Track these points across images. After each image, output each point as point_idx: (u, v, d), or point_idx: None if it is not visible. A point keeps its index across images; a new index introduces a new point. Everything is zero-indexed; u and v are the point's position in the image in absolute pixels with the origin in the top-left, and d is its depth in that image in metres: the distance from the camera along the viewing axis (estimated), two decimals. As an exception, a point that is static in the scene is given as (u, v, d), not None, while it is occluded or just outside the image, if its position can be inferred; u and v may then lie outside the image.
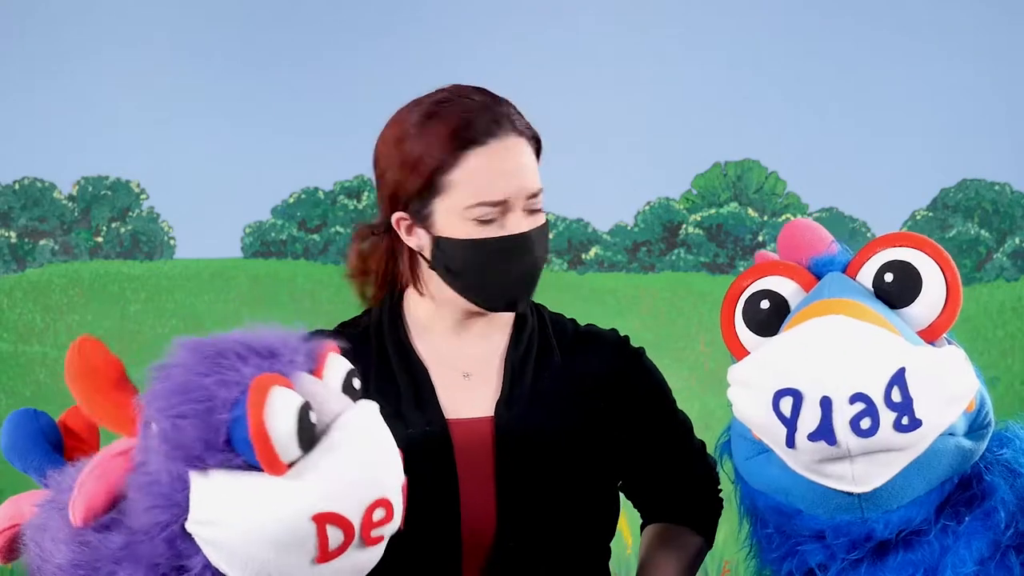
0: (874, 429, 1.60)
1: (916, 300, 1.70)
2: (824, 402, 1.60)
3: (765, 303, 1.74)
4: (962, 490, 1.71)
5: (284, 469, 1.55)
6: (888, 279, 1.71)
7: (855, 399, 1.59)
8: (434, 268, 1.93)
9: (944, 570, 1.68)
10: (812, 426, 1.61)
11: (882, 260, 1.71)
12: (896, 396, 1.60)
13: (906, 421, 1.60)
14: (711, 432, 1.87)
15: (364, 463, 1.59)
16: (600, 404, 1.97)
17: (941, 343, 1.71)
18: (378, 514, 1.59)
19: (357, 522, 1.57)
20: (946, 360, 1.64)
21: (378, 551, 1.62)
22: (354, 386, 1.66)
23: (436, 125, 1.89)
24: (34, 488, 1.79)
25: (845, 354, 1.60)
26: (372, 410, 1.64)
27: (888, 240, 1.72)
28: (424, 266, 1.95)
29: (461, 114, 1.89)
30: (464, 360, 1.98)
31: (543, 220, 1.94)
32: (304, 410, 1.56)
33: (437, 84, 1.97)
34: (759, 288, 1.75)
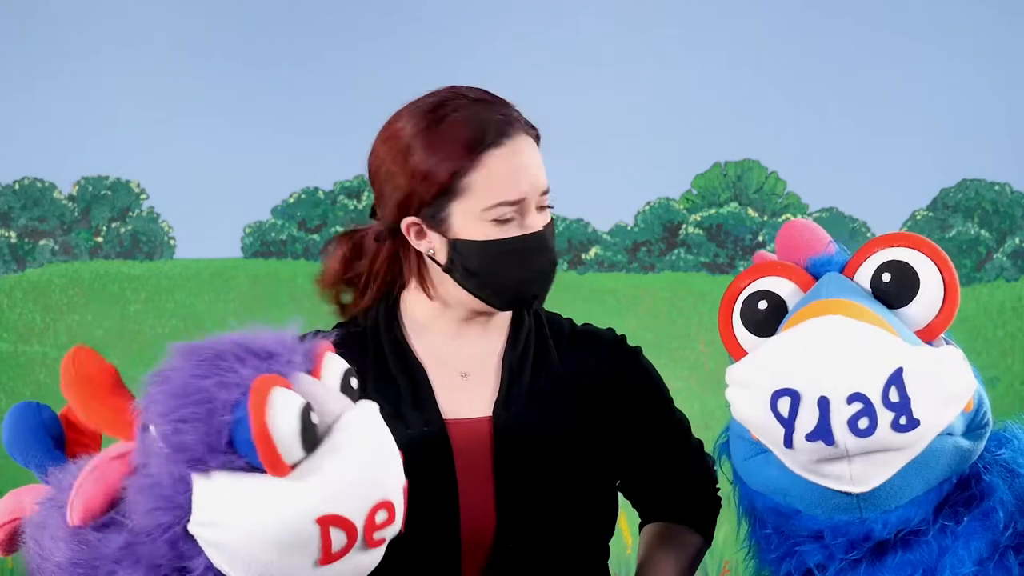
0: (872, 429, 1.60)
1: (914, 300, 1.70)
2: (822, 402, 1.60)
3: (763, 303, 1.74)
4: (960, 490, 1.70)
5: (287, 470, 1.55)
6: (886, 279, 1.71)
7: (853, 399, 1.59)
8: (449, 270, 1.92)
9: (943, 570, 1.68)
10: (810, 426, 1.61)
11: (880, 260, 1.71)
12: (894, 396, 1.60)
13: (904, 421, 1.60)
14: (711, 432, 1.87)
15: (367, 464, 1.59)
16: (598, 404, 1.97)
17: (939, 343, 1.71)
18: (381, 516, 1.58)
19: (360, 524, 1.57)
20: (944, 360, 1.64)
21: (379, 553, 1.62)
22: (352, 385, 1.66)
23: (448, 130, 1.89)
24: (35, 482, 1.79)
25: (843, 354, 1.60)
26: (373, 410, 1.64)
27: (886, 240, 1.72)
28: (432, 268, 1.95)
29: (474, 117, 1.89)
30: (462, 360, 1.97)
31: (550, 217, 1.94)
32: (306, 411, 1.56)
33: (437, 84, 1.96)
34: (757, 288, 1.75)
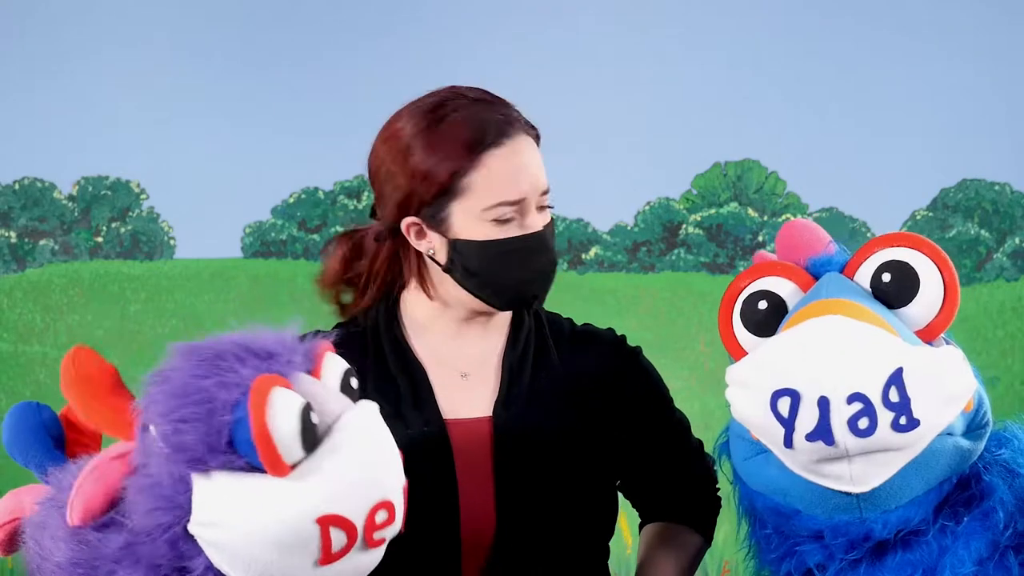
0: (872, 429, 1.60)
1: (914, 300, 1.70)
2: (822, 402, 1.60)
3: (763, 303, 1.74)
4: (960, 490, 1.70)
5: (287, 470, 1.55)
6: (886, 279, 1.70)
7: (853, 399, 1.59)
8: (448, 270, 1.92)
9: (943, 570, 1.68)
10: (810, 426, 1.61)
11: (880, 260, 1.71)
12: (894, 396, 1.59)
13: (904, 421, 1.60)
14: (711, 432, 1.87)
15: (367, 465, 1.58)
16: (598, 404, 1.97)
17: (939, 343, 1.71)
18: (381, 516, 1.58)
19: (360, 524, 1.57)
20: (944, 360, 1.64)
21: (379, 553, 1.62)
22: (352, 385, 1.66)
23: (449, 130, 1.89)
24: (35, 482, 1.79)
25: (843, 354, 1.60)
26: (373, 410, 1.64)
27: (885, 240, 1.72)
28: (432, 268, 1.94)
29: (474, 117, 1.89)
30: (462, 360, 1.97)
31: (550, 217, 1.94)
32: (306, 411, 1.56)
33: (437, 84, 1.96)
34: (757, 288, 1.75)
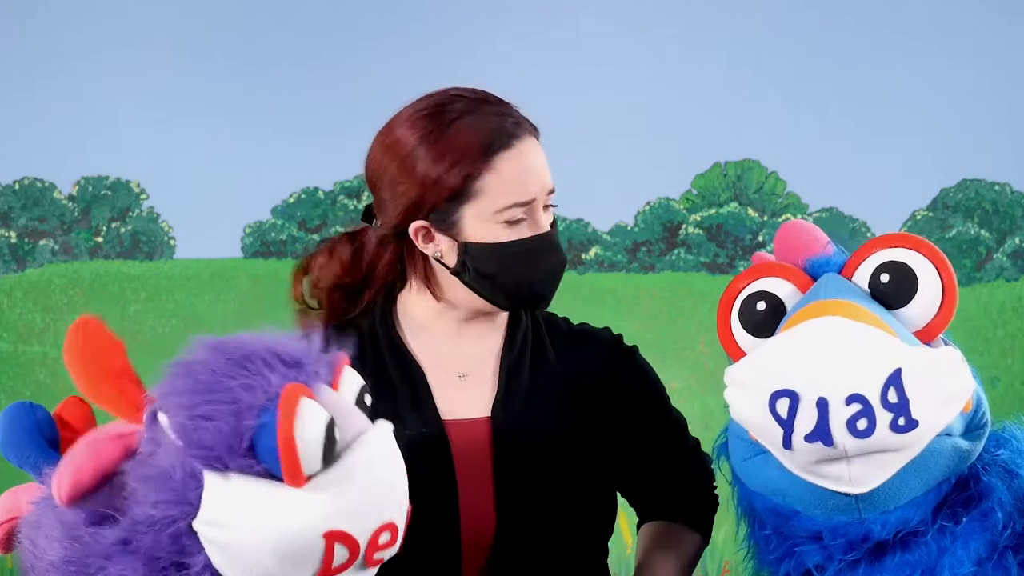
0: (871, 430, 1.60)
1: (912, 301, 1.69)
2: (820, 403, 1.60)
3: (761, 304, 1.74)
4: (959, 491, 1.70)
5: (304, 482, 1.54)
6: (884, 280, 1.70)
7: (851, 400, 1.59)
8: (458, 273, 1.92)
9: (941, 571, 1.68)
10: (809, 427, 1.61)
11: (878, 261, 1.71)
12: (892, 397, 1.59)
13: (902, 422, 1.60)
14: (711, 432, 1.86)
15: (380, 486, 1.59)
16: (595, 403, 1.97)
17: (937, 343, 1.71)
18: (384, 538, 1.59)
19: (364, 543, 1.57)
20: (942, 360, 1.64)
21: (374, 572, 1.62)
22: (366, 402, 1.66)
23: (457, 135, 1.88)
24: (32, 481, 1.79)
25: (841, 355, 1.60)
26: (388, 433, 1.64)
27: (884, 241, 1.72)
28: (439, 270, 1.94)
29: (482, 121, 1.89)
30: (460, 361, 1.97)
31: (553, 216, 1.95)
32: (331, 425, 1.55)
33: (437, 84, 1.96)
34: (755, 289, 1.74)
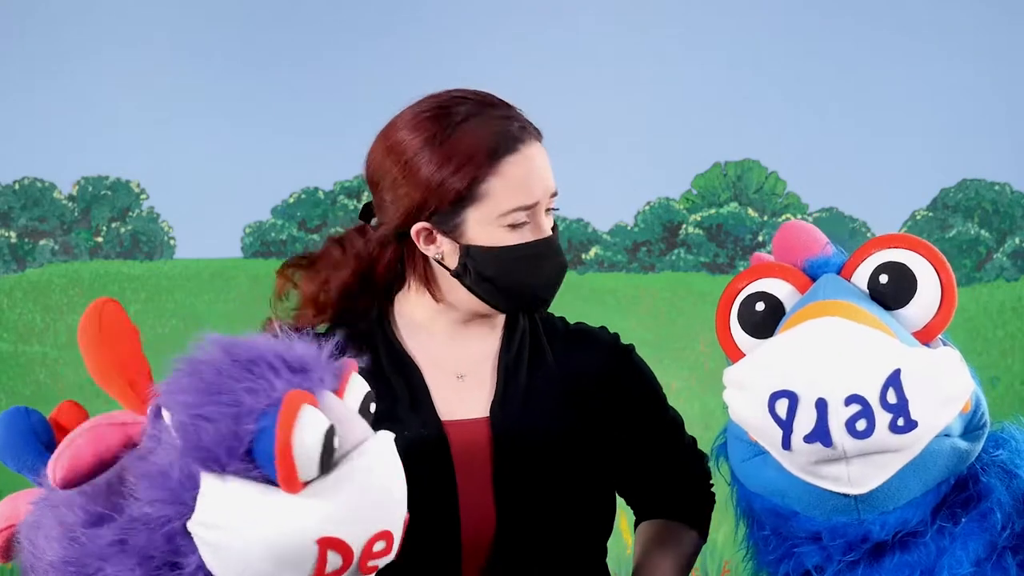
0: (870, 431, 1.60)
1: (911, 301, 1.69)
2: (820, 404, 1.60)
3: (760, 305, 1.73)
4: (958, 491, 1.70)
5: (300, 488, 1.54)
6: (883, 281, 1.70)
7: (851, 401, 1.59)
8: (458, 275, 1.92)
9: (940, 571, 1.68)
10: (808, 428, 1.61)
11: (877, 262, 1.71)
12: (892, 398, 1.59)
13: (902, 422, 1.60)
14: (711, 432, 1.86)
15: (376, 495, 1.58)
16: (593, 403, 1.97)
17: (936, 344, 1.71)
18: (379, 546, 1.58)
19: (358, 550, 1.56)
20: (941, 361, 1.64)
21: None
22: (370, 410, 1.66)
23: (463, 139, 1.88)
24: (31, 487, 1.79)
25: (840, 356, 1.60)
26: (390, 441, 1.64)
27: (883, 241, 1.72)
28: (439, 272, 1.94)
29: (488, 125, 1.89)
30: (458, 362, 1.98)
31: (554, 220, 1.95)
32: (330, 433, 1.55)
33: (437, 84, 1.96)
34: (754, 290, 1.74)
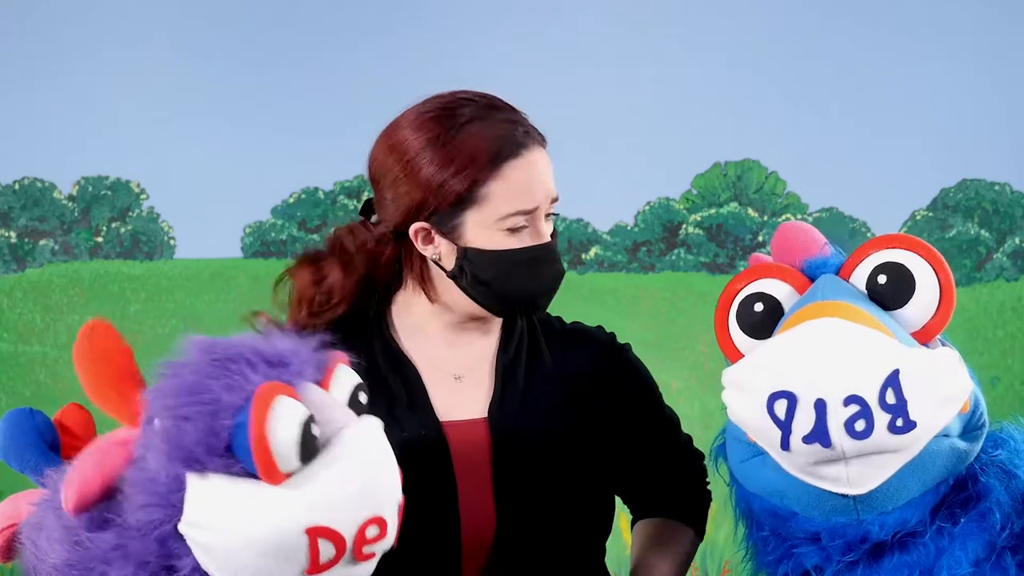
0: (868, 431, 1.60)
1: (909, 302, 1.70)
2: (818, 404, 1.60)
3: (759, 306, 1.74)
4: (957, 491, 1.70)
5: (281, 479, 1.55)
6: (881, 281, 1.70)
7: (849, 401, 1.59)
8: (454, 277, 1.92)
9: (940, 571, 1.68)
10: (807, 428, 1.61)
11: (875, 262, 1.71)
12: (890, 398, 1.59)
13: (900, 423, 1.60)
14: (711, 432, 1.87)
15: (362, 480, 1.58)
16: (591, 402, 1.98)
17: (935, 344, 1.71)
18: (371, 531, 1.58)
19: (350, 538, 1.56)
20: (940, 362, 1.64)
21: (369, 566, 1.62)
22: (360, 400, 1.66)
23: (467, 141, 1.89)
24: (32, 488, 1.79)
25: (839, 356, 1.60)
26: (375, 426, 1.63)
27: (881, 242, 1.72)
28: (435, 272, 1.94)
29: (492, 128, 1.89)
30: (455, 363, 1.98)
31: (553, 226, 1.95)
32: (307, 422, 1.55)
33: (437, 84, 1.96)
34: (753, 291, 1.75)
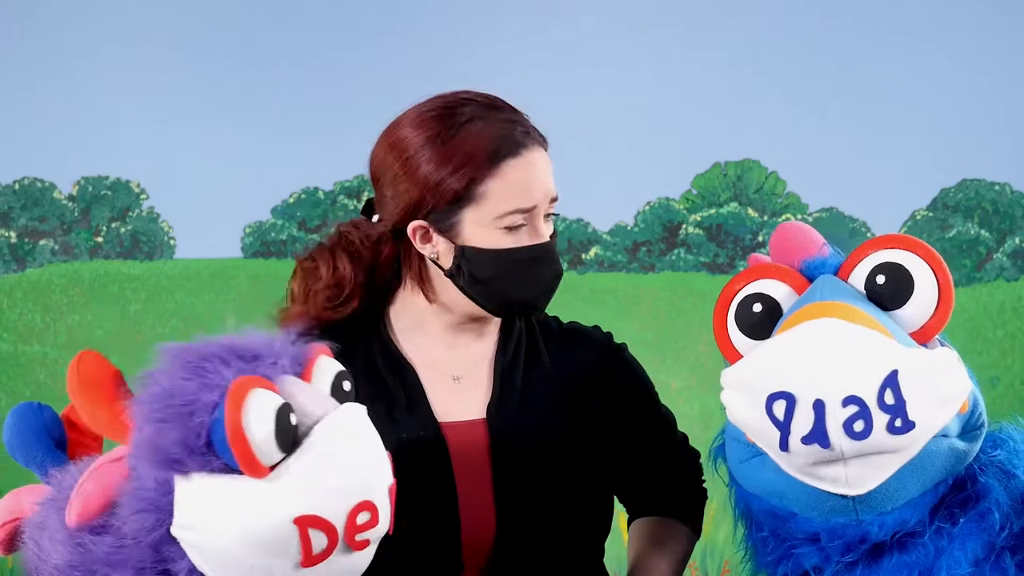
0: (867, 431, 1.60)
1: (908, 302, 1.69)
2: (817, 405, 1.60)
3: (757, 306, 1.73)
4: (956, 492, 1.70)
5: (264, 471, 1.54)
6: (880, 281, 1.70)
7: (848, 402, 1.59)
8: (452, 276, 1.92)
9: (939, 572, 1.68)
10: (805, 429, 1.61)
11: (874, 262, 1.71)
12: (889, 398, 1.59)
13: (899, 423, 1.60)
14: (711, 432, 1.86)
15: (346, 465, 1.57)
16: (590, 403, 1.98)
17: (934, 345, 1.71)
18: (362, 517, 1.56)
19: (340, 526, 1.55)
20: (939, 362, 1.64)
21: (366, 555, 1.60)
22: (344, 388, 1.65)
23: (466, 139, 1.88)
24: (35, 483, 1.79)
25: (838, 357, 1.60)
26: (357, 412, 1.62)
27: (880, 242, 1.72)
28: (433, 271, 1.94)
29: (491, 128, 1.89)
30: (454, 363, 1.98)
31: (553, 226, 1.95)
32: (283, 411, 1.54)
33: (437, 84, 1.96)
34: (751, 291, 1.74)
